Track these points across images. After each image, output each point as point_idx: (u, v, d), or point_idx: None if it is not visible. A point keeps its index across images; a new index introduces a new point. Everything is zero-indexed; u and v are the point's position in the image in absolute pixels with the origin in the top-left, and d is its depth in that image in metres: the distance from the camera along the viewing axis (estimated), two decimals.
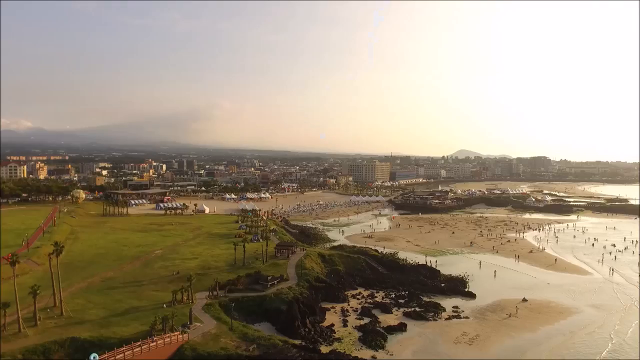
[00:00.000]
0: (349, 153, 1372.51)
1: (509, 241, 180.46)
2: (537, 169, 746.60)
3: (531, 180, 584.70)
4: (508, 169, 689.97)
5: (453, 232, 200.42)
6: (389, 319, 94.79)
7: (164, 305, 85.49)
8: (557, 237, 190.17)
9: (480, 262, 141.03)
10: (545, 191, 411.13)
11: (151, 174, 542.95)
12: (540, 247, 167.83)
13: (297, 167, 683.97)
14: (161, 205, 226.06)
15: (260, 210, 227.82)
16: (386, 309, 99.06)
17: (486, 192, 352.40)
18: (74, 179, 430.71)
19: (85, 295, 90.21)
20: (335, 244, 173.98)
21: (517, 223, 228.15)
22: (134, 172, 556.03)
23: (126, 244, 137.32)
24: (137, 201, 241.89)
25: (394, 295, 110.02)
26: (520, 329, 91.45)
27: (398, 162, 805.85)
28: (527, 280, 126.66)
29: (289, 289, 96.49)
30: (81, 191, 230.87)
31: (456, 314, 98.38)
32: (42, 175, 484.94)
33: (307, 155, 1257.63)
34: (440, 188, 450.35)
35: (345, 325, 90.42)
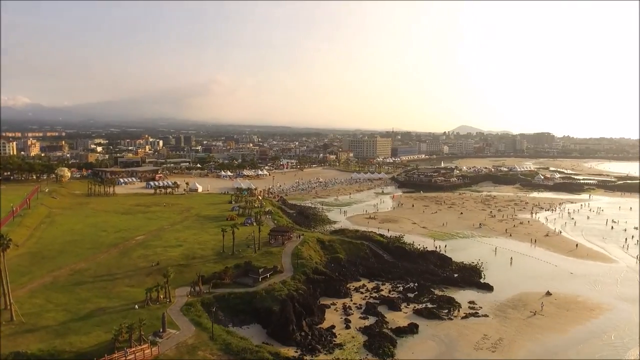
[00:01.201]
0: (349, 129, 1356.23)
1: (521, 223, 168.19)
2: (540, 145, 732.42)
3: (535, 157, 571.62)
4: (511, 145, 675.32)
5: (461, 213, 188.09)
6: (397, 318, 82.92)
7: (136, 306, 73.43)
8: (572, 218, 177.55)
9: (495, 249, 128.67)
10: (551, 168, 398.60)
11: (147, 150, 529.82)
12: (556, 230, 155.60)
13: (297, 143, 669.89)
14: (151, 184, 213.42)
15: (256, 189, 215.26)
16: (394, 306, 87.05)
17: (493, 170, 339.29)
18: (67, 155, 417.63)
19: (47, 292, 78.04)
20: (336, 225, 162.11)
21: (527, 202, 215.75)
22: (130, 148, 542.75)
23: (106, 228, 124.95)
24: (126, 179, 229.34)
25: (401, 288, 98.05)
26: (548, 330, 79.56)
27: (399, 137, 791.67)
28: (547, 269, 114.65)
29: (282, 284, 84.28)
30: (66, 169, 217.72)
31: (473, 312, 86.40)
32: (34, 152, 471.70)
33: (307, 130, 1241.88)
34: (443, 164, 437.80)
35: (347, 327, 78.47)
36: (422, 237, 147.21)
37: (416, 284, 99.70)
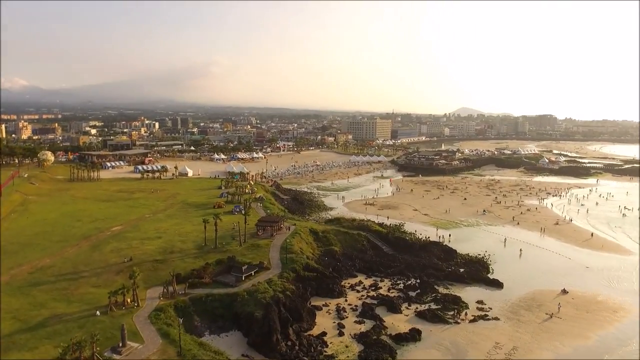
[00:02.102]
0: (349, 111, 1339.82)
1: (529, 210, 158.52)
2: (543, 127, 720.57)
3: (538, 140, 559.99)
4: (514, 127, 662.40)
5: (465, 199, 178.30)
6: (397, 322, 73.66)
7: (97, 313, 63.93)
8: (582, 205, 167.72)
9: (505, 240, 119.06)
10: (555, 151, 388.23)
11: (142, 132, 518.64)
12: (567, 218, 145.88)
13: (295, 125, 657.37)
14: (139, 167, 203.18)
15: (249, 172, 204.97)
16: (393, 307, 77.73)
17: (496, 153, 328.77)
18: (59, 138, 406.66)
19: None
20: (332, 213, 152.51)
21: (533, 187, 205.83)
22: (125, 130, 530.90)
23: (81, 217, 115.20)
24: (113, 163, 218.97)
25: (402, 285, 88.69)
26: (568, 337, 70.38)
27: (399, 119, 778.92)
28: (560, 262, 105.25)
29: (268, 284, 74.70)
30: (49, 153, 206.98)
31: (483, 314, 77.14)
32: (26, 134, 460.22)
33: (306, 112, 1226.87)
34: (444, 147, 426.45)
35: (341, 334, 69.13)
36: (424, 225, 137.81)
37: (418, 281, 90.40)
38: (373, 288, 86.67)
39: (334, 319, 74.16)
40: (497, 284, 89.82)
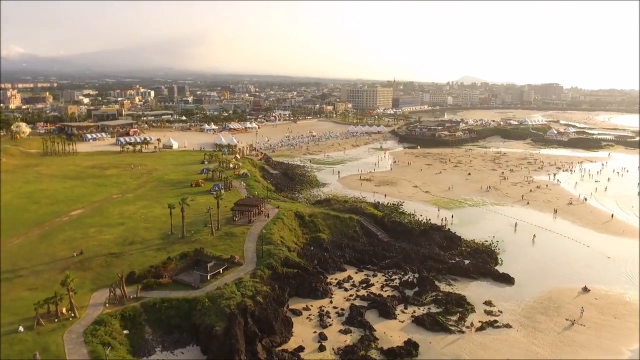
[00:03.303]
0: (350, 78, 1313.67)
1: (538, 187, 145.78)
2: (548, 96, 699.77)
3: (543, 109, 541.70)
4: (518, 96, 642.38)
5: (469, 174, 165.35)
6: (390, 331, 62.00)
7: (20, 328, 52.11)
8: (597, 182, 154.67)
9: (515, 225, 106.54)
10: (562, 121, 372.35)
11: (137, 101, 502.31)
12: (581, 197, 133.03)
13: (295, 93, 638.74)
14: (122, 140, 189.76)
15: (238, 144, 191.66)
16: (386, 311, 65.89)
17: (501, 123, 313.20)
18: (47, 108, 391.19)
19: None
20: (325, 189, 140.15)
21: (542, 161, 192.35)
22: (119, 99, 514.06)
23: (40, 199, 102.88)
24: (95, 135, 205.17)
25: (397, 281, 76.82)
26: (596, 351, 58.74)
27: (401, 88, 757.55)
28: (578, 250, 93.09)
29: (237, 285, 62.71)
30: (23, 125, 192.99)
31: (492, 319, 65.37)
32: (14, 104, 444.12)
33: (308, 80, 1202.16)
34: (447, 116, 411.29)
35: (321, 348, 57.43)
36: (425, 204, 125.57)
37: (417, 275, 78.41)
38: (364, 285, 74.79)
39: (315, 327, 62.40)
40: (507, 280, 77.90)
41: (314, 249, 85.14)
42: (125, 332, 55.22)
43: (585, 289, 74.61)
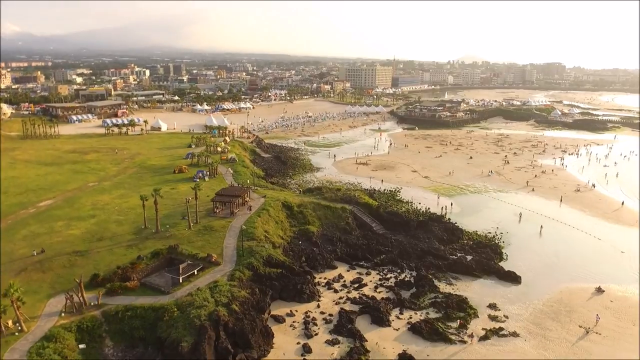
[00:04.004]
0: (350, 57, 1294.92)
1: (544, 172, 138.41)
2: (550, 76, 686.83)
3: (546, 89, 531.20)
4: (520, 75, 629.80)
5: (471, 157, 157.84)
6: (383, 341, 55.31)
7: None
8: (606, 166, 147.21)
9: (520, 215, 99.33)
10: (565, 101, 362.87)
11: (131, 80, 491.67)
12: (589, 183, 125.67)
13: (293, 72, 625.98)
14: (108, 121, 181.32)
15: (230, 125, 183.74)
16: (379, 317, 59.07)
17: (504, 104, 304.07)
18: (38, 88, 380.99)
19: None
20: (319, 174, 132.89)
21: (547, 144, 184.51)
22: (114, 78, 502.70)
23: (9, 188, 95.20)
24: (81, 116, 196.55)
25: (393, 281, 69.96)
26: None
27: (401, 66, 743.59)
28: (589, 244, 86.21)
29: (211, 291, 55.71)
30: (4, 106, 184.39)
31: (497, 326, 58.67)
32: (4, 83, 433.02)
33: (307, 59, 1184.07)
34: (447, 96, 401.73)
35: None
36: (424, 191, 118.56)
37: (414, 274, 71.57)
38: (356, 286, 67.86)
39: (298, 336, 55.62)
40: (513, 278, 71.10)
41: (303, 243, 78.08)
42: (81, 346, 48.52)
43: (599, 290, 67.84)
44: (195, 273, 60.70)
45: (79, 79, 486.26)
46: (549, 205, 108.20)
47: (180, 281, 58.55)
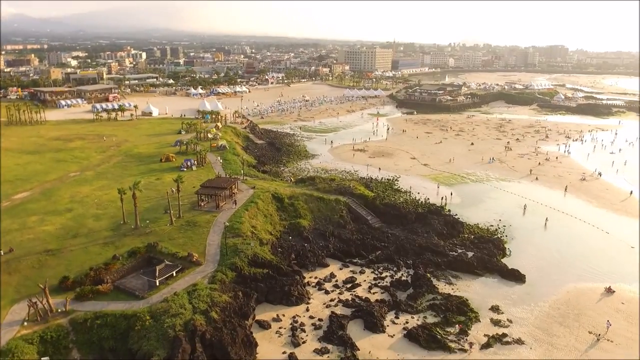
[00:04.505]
0: (350, 40, 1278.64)
1: (547, 159, 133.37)
2: (553, 59, 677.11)
3: (548, 72, 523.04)
4: (522, 58, 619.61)
5: (472, 144, 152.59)
6: (377, 350, 50.97)
7: None
8: (612, 153, 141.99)
9: (524, 206, 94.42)
10: (568, 85, 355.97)
11: (127, 63, 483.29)
12: (595, 172, 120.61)
13: (292, 54, 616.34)
14: (98, 106, 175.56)
15: (224, 110, 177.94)
16: (373, 322, 54.64)
17: (506, 87, 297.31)
18: (31, 71, 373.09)
19: None
20: (315, 162, 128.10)
21: (550, 129, 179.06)
22: (109, 61, 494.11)
23: None
24: (70, 101, 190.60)
25: (389, 280, 65.47)
26: None
27: (401, 49, 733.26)
28: (597, 238, 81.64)
29: (189, 295, 51.18)
30: None
31: (500, 332, 54.31)
32: None
33: (306, 41, 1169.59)
34: (448, 79, 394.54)
35: None
36: (423, 179, 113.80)
37: (411, 272, 67.05)
38: (348, 286, 63.31)
39: (285, 345, 51.23)
40: (517, 277, 66.63)
41: (293, 238, 73.38)
42: (44, 359, 44.02)
43: (609, 290, 63.35)
44: (174, 275, 56.10)
45: (74, 62, 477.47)
46: (554, 195, 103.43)
47: (157, 284, 53.97)
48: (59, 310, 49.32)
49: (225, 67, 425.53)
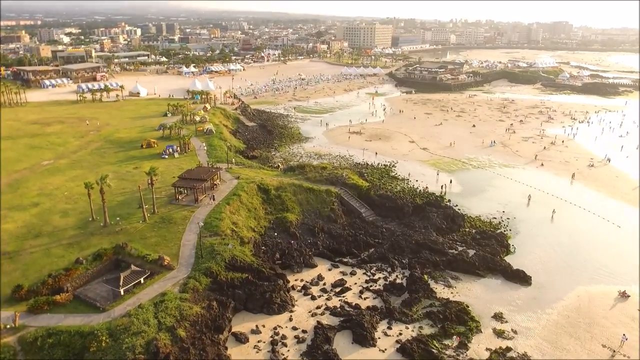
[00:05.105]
0: (350, 16, 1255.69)
1: (553, 143, 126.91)
2: (557, 35, 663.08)
3: (552, 49, 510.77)
4: (526, 35, 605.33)
5: (474, 126, 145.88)
6: None
7: None
8: (621, 136, 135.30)
9: (529, 198, 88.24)
10: (572, 63, 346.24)
11: (121, 40, 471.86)
12: (605, 157, 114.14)
13: (290, 31, 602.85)
14: (83, 87, 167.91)
15: (215, 90, 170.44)
16: (363, 335, 49.08)
17: (509, 65, 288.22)
18: (20, 48, 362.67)
19: None
20: (308, 145, 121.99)
21: (555, 110, 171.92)
22: (103, 38, 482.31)
23: None
24: (55, 81, 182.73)
25: (382, 283, 59.78)
26: None
27: (402, 25, 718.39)
28: (608, 233, 75.80)
29: (155, 308, 45.47)
30: None
31: (504, 347, 48.73)
32: None
33: (305, 17, 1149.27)
34: (449, 56, 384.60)
35: None
36: (422, 165, 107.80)
37: (406, 273, 61.37)
38: (337, 290, 57.63)
39: None
40: (522, 279, 61.03)
41: (279, 235, 67.53)
42: None
43: (624, 295, 57.76)
44: (142, 282, 50.29)
45: (66, 39, 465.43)
46: (560, 183, 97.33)
47: (122, 293, 48.23)
48: (7, 327, 43.71)
49: (221, 44, 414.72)
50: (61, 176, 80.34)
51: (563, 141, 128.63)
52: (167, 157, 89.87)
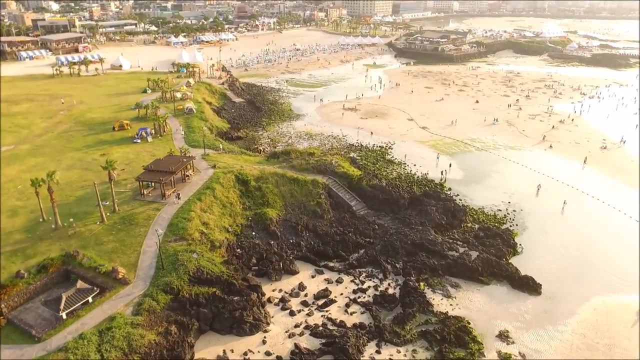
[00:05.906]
0: None
1: (562, 121, 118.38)
2: (564, 3, 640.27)
3: (558, 17, 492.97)
4: (532, 2, 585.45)
5: (477, 102, 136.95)
6: None
7: None
8: (635, 114, 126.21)
9: (538, 188, 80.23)
10: (580, 32, 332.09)
11: (113, 7, 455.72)
12: (620, 140, 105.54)
13: None
14: (62, 59, 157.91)
15: (203, 62, 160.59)
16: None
17: (514, 35, 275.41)
18: (5, 16, 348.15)
19: None
20: (299, 124, 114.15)
21: (563, 84, 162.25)
22: (94, 5, 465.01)
23: None
24: (33, 53, 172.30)
25: (371, 293, 52.51)
26: None
27: None
28: (626, 230, 68.16)
29: (100, 337, 38.29)
30: None
31: None
32: None
33: None
34: (452, 25, 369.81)
35: None
36: (420, 146, 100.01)
37: (400, 281, 54.13)
38: (321, 302, 50.45)
39: None
40: (530, 287, 53.83)
41: (257, 234, 60.04)
42: None
43: None
44: (90, 301, 42.97)
45: (55, 6, 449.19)
46: (571, 168, 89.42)
47: (63, 317, 40.95)
48: None
49: (215, 11, 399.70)
50: (19, 165, 72.32)
51: (573, 119, 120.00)
52: (139, 141, 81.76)
